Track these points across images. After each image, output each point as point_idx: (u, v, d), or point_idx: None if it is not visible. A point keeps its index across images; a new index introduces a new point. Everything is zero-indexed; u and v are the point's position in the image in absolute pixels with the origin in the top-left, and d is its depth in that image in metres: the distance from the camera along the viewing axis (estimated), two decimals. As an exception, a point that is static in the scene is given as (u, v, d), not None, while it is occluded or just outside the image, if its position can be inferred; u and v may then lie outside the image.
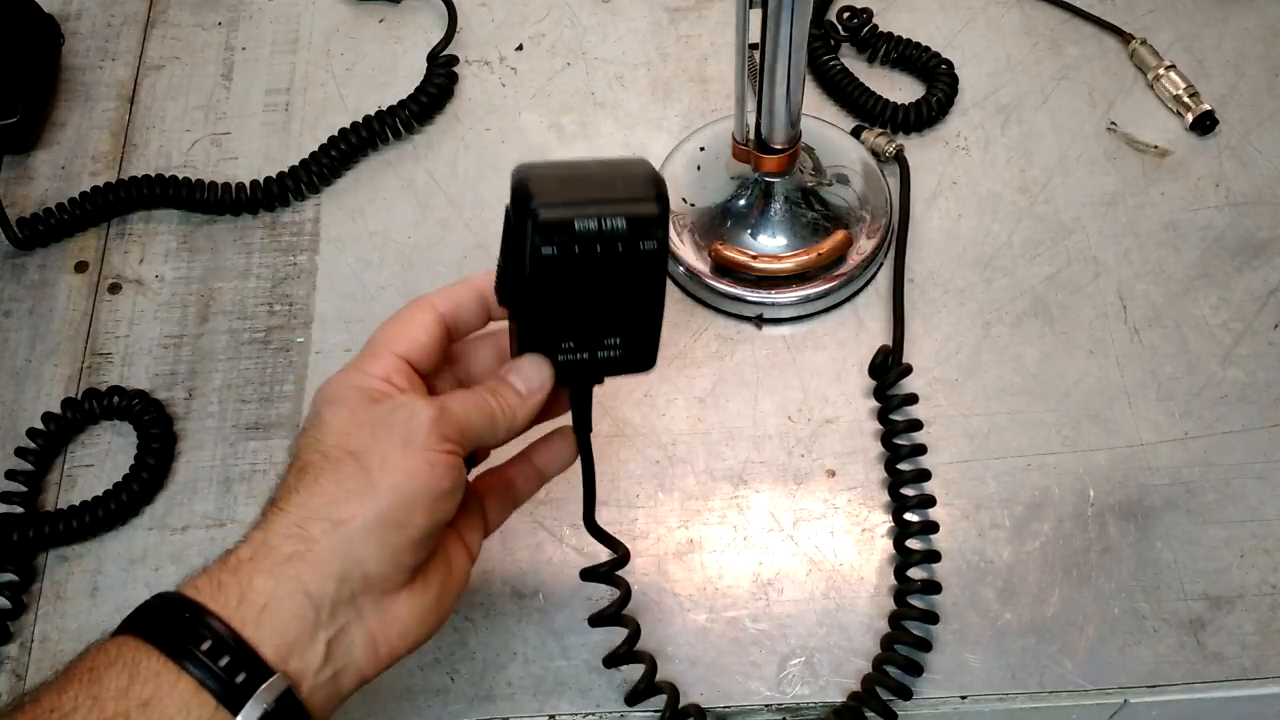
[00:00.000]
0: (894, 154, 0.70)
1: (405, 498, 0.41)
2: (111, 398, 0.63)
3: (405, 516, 0.41)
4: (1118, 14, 0.77)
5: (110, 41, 0.79)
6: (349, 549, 0.40)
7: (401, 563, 0.42)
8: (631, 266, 0.42)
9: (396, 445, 0.41)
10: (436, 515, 0.42)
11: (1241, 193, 0.70)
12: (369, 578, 0.41)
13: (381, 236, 0.70)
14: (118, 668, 0.38)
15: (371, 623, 0.42)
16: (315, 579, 0.40)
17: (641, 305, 0.44)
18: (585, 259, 0.41)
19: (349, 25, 0.79)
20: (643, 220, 0.41)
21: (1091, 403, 0.63)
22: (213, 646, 0.38)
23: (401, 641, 0.43)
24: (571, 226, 0.40)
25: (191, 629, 0.39)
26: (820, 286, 0.66)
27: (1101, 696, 0.55)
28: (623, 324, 0.44)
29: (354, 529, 0.40)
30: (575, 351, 0.44)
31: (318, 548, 0.40)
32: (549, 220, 0.40)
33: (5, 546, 0.58)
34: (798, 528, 0.60)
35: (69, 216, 0.69)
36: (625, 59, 0.77)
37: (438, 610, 0.44)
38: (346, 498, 0.41)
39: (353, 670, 0.42)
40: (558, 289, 0.42)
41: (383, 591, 0.42)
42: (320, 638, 0.40)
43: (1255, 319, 0.65)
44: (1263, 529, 0.59)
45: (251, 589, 0.40)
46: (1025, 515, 0.60)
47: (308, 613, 0.40)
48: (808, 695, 0.55)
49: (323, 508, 0.41)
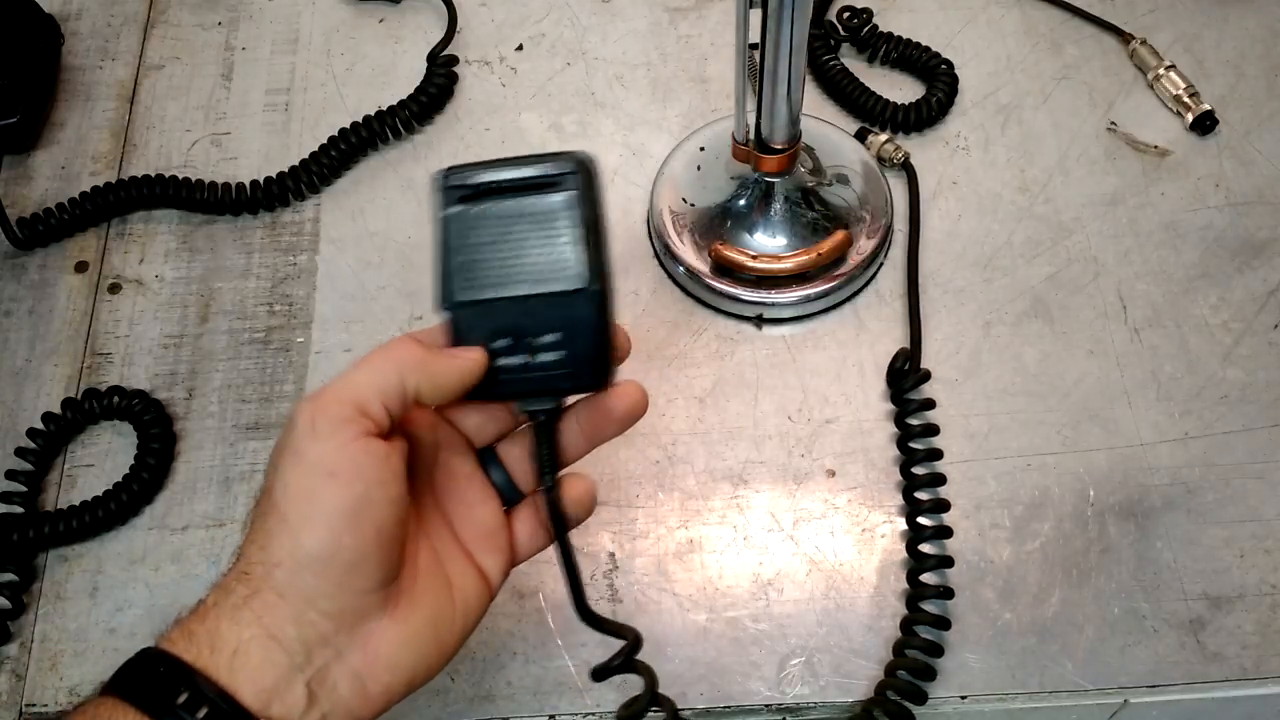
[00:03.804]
0: (901, 161, 0.70)
1: (319, 522, 0.37)
2: (111, 398, 0.63)
3: (329, 543, 0.37)
4: (1118, 14, 0.77)
5: (110, 41, 0.79)
6: (293, 590, 0.38)
7: (355, 588, 0.38)
8: (549, 231, 0.40)
9: (291, 464, 0.38)
10: (365, 526, 0.38)
11: (1241, 193, 0.70)
12: (328, 613, 0.38)
13: (381, 236, 0.70)
14: None
15: (353, 659, 0.39)
16: (274, 621, 0.38)
17: (573, 289, 0.40)
18: (498, 220, 0.41)
19: (349, 25, 0.79)
20: (554, 170, 0.41)
21: (1091, 403, 0.63)
22: (190, 699, 0.36)
23: (393, 676, 0.40)
24: (478, 183, 0.41)
25: (167, 683, 0.37)
26: (820, 286, 0.66)
27: (1101, 696, 0.55)
28: (558, 319, 0.41)
29: (286, 571, 0.38)
30: (512, 353, 0.41)
31: (263, 592, 0.38)
32: (456, 181, 0.41)
33: (5, 546, 0.58)
34: (798, 528, 0.60)
35: (69, 216, 0.69)
36: (625, 59, 0.77)
37: (434, 638, 0.41)
38: (268, 540, 0.38)
39: (342, 711, 0.39)
40: (476, 263, 0.41)
41: (354, 622, 0.39)
42: (299, 680, 0.38)
43: (1255, 319, 0.65)
44: (1263, 529, 0.59)
45: (219, 636, 0.38)
46: (1025, 515, 0.60)
47: (278, 656, 0.37)
48: (808, 695, 0.55)
49: (255, 552, 0.38)
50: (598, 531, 0.60)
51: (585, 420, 0.44)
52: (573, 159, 0.41)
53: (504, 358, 0.41)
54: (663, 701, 0.51)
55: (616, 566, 0.59)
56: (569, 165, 0.41)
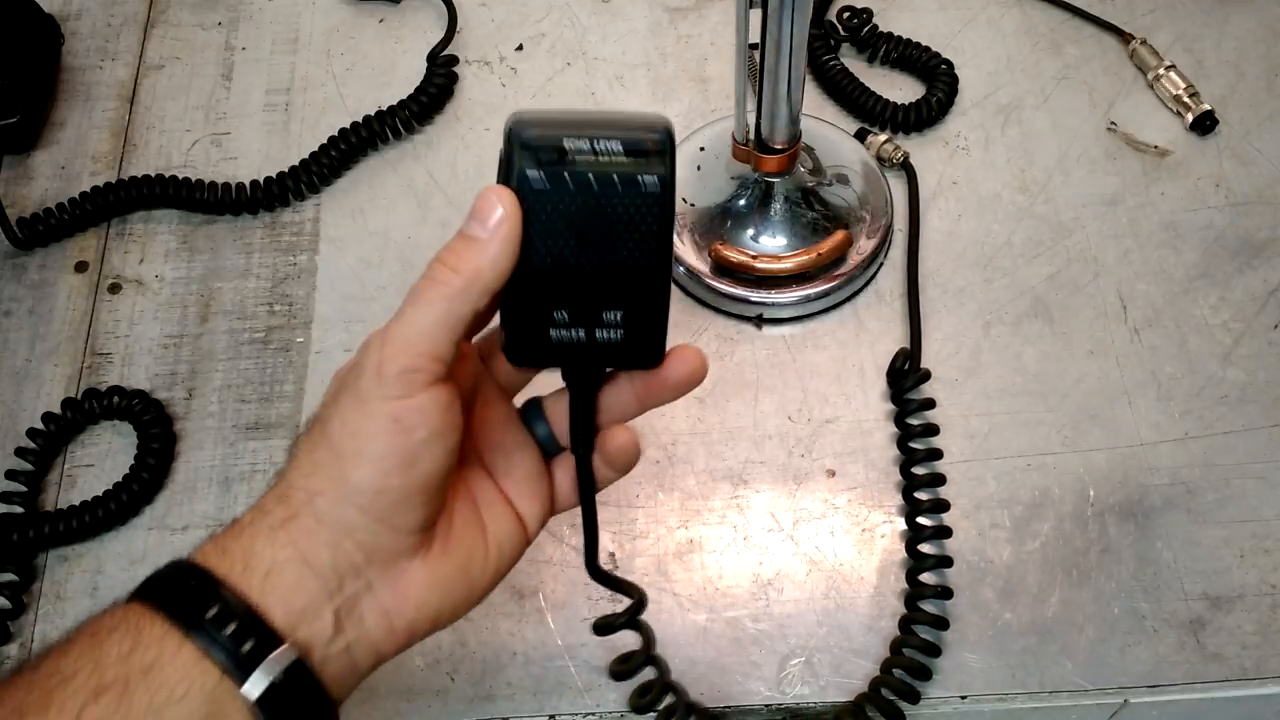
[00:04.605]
0: (901, 161, 0.70)
1: (372, 461, 0.37)
2: (111, 398, 0.63)
3: (378, 481, 0.37)
4: (1118, 14, 0.77)
5: (110, 41, 0.79)
6: (332, 519, 0.38)
7: (395, 527, 0.38)
8: (632, 210, 0.38)
9: (352, 405, 0.38)
10: (417, 471, 0.38)
11: (1241, 193, 0.70)
12: (364, 546, 0.38)
13: (381, 236, 0.70)
14: (120, 632, 0.36)
15: (382, 594, 0.39)
16: (309, 546, 0.38)
17: (645, 269, 0.39)
18: (579, 193, 0.38)
19: (349, 25, 0.79)
20: (642, 147, 0.38)
21: (1091, 403, 0.63)
22: (219, 613, 0.36)
23: (419, 614, 0.40)
24: (560, 147, 0.37)
25: (198, 595, 0.37)
26: (820, 286, 0.66)
27: (1101, 696, 0.55)
28: (624, 296, 0.40)
29: (329, 501, 0.38)
30: (570, 326, 0.40)
31: (302, 516, 0.38)
32: (536, 139, 0.38)
33: (5, 546, 0.58)
34: (798, 528, 0.60)
35: (69, 216, 0.69)
36: (625, 59, 0.77)
37: (464, 582, 0.41)
38: (315, 469, 0.38)
39: (366, 644, 0.39)
40: (548, 232, 0.38)
41: (389, 559, 0.39)
42: (327, 607, 0.38)
43: (1255, 319, 0.65)
44: (1263, 529, 0.59)
45: (254, 554, 0.37)
46: (1025, 515, 0.60)
47: (309, 581, 0.37)
48: (808, 695, 0.55)
49: (299, 479, 0.38)
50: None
51: (640, 384, 0.43)
52: (660, 130, 0.38)
53: (560, 330, 0.40)
54: (657, 661, 0.51)
55: (616, 566, 0.59)
56: (658, 139, 0.38)
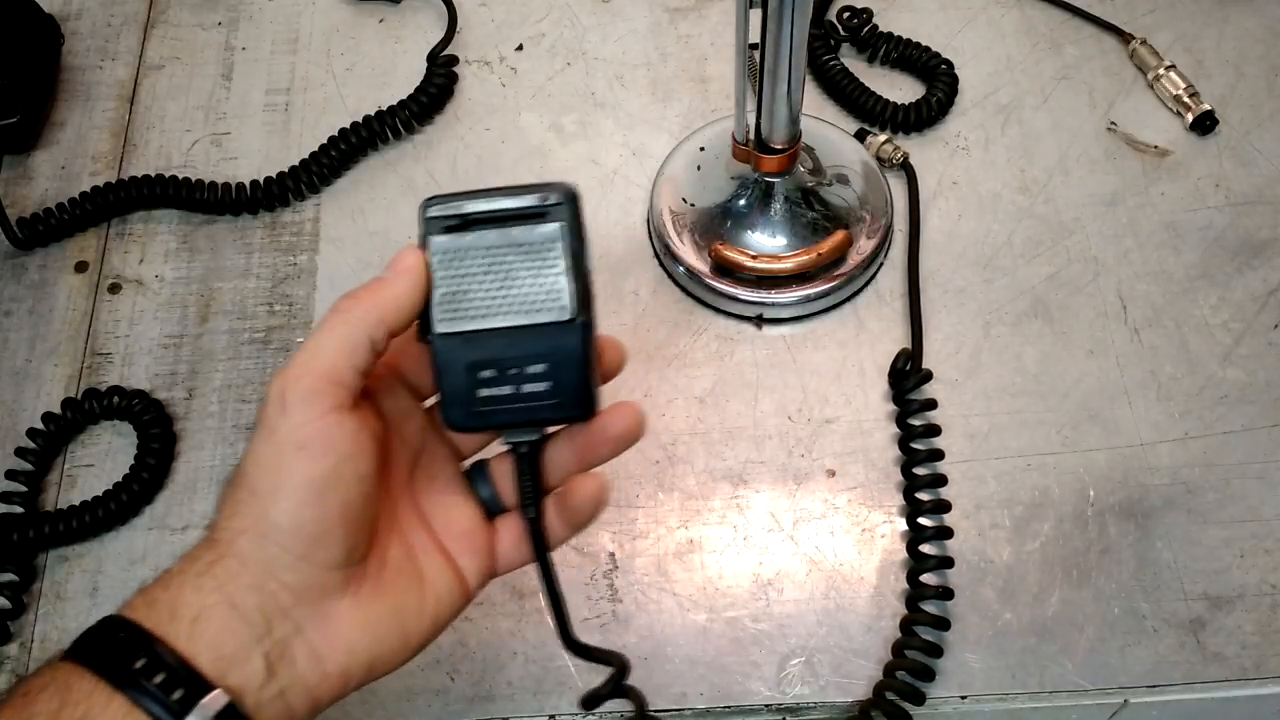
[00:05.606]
0: (901, 161, 0.70)
1: (286, 495, 0.37)
2: (111, 398, 0.63)
3: (294, 514, 0.37)
4: (1118, 14, 0.77)
5: (110, 41, 0.79)
6: (254, 558, 0.38)
7: (318, 562, 0.38)
8: (536, 263, 0.40)
9: (262, 439, 0.38)
10: (332, 500, 0.38)
11: (1241, 193, 0.70)
12: (290, 586, 0.38)
13: (381, 236, 0.70)
14: (50, 691, 0.36)
15: (312, 636, 0.39)
16: (235, 590, 0.38)
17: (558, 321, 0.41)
18: (485, 251, 0.40)
19: (349, 25, 0.79)
20: (542, 203, 0.40)
21: (1091, 403, 0.63)
22: (147, 664, 0.36)
23: (351, 658, 0.39)
24: (463, 213, 0.40)
25: (125, 648, 0.36)
26: (820, 286, 0.66)
27: (1101, 696, 0.55)
28: (544, 350, 0.41)
29: (250, 540, 0.38)
30: (497, 384, 0.41)
31: (227, 559, 0.38)
32: (441, 210, 0.40)
33: (5, 546, 0.58)
34: (798, 528, 0.60)
35: (69, 216, 0.69)
36: (625, 59, 0.77)
37: (398, 627, 0.41)
38: (236, 510, 0.38)
39: (301, 689, 0.38)
40: (462, 293, 0.40)
41: (316, 598, 0.39)
42: (257, 651, 0.37)
43: (1255, 319, 0.65)
44: (1263, 529, 0.59)
45: (181, 602, 0.37)
46: (1025, 515, 0.60)
47: (237, 625, 0.37)
48: (808, 695, 0.55)
49: (224, 521, 0.39)
50: (598, 531, 0.60)
51: (580, 442, 0.43)
52: (560, 190, 0.41)
53: (488, 389, 0.41)
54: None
55: (616, 566, 0.59)
56: (556, 196, 0.41)
